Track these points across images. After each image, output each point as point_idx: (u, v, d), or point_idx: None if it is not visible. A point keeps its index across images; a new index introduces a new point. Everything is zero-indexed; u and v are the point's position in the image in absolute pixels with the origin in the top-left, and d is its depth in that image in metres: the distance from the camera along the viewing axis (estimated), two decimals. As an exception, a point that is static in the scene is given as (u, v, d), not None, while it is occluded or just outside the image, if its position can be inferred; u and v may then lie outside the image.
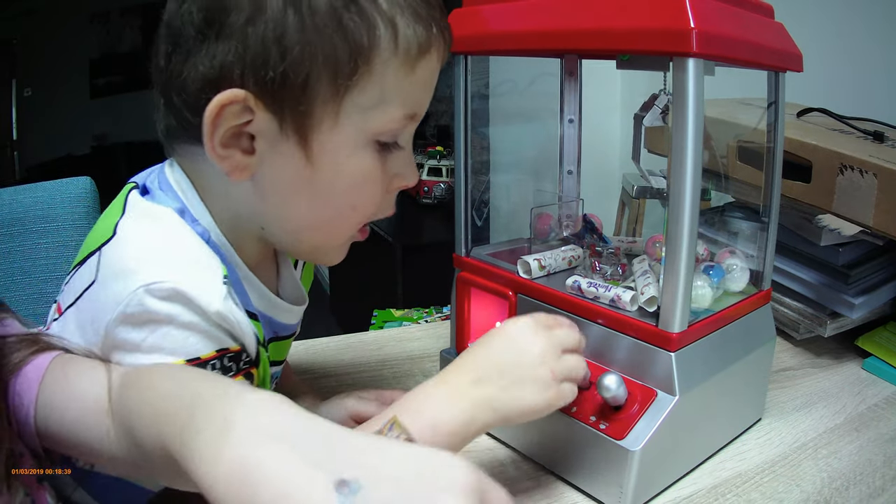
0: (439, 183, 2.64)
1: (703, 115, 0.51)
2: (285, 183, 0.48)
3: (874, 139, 0.89)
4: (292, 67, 0.43)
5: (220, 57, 0.43)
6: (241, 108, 0.44)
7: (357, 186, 0.49)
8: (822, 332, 0.84)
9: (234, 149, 0.46)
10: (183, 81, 0.45)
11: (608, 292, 0.61)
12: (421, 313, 2.22)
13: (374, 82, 0.45)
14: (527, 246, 0.78)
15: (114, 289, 0.44)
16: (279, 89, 0.44)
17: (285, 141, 0.46)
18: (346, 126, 0.46)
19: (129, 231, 0.47)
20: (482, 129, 2.22)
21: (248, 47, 0.43)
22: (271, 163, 0.47)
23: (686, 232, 0.53)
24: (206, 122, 0.44)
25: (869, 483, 0.61)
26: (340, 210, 0.50)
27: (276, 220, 0.50)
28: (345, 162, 0.47)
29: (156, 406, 0.37)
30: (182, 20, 0.44)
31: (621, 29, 0.54)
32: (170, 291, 0.43)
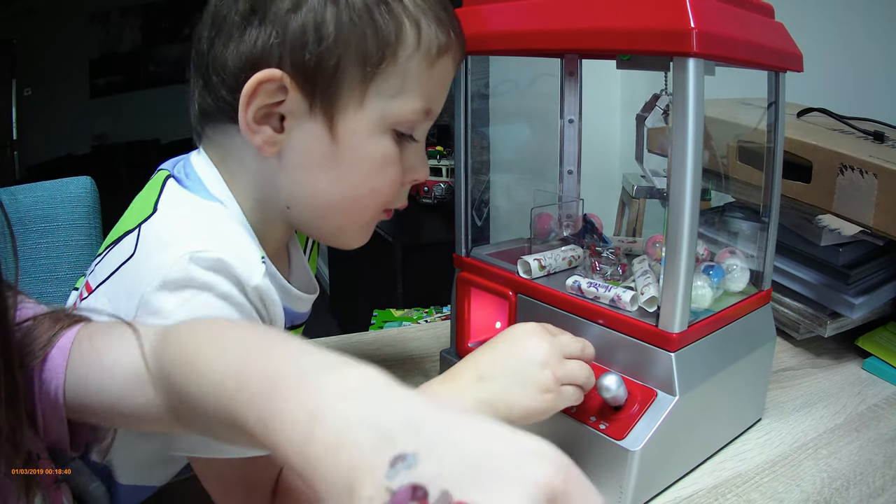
0: (439, 183, 2.64)
1: (703, 114, 0.51)
2: (311, 160, 0.52)
3: (874, 139, 0.89)
4: (327, 52, 0.48)
5: (262, 40, 0.48)
6: (276, 88, 0.48)
7: (376, 169, 0.53)
8: (823, 333, 0.84)
9: (265, 125, 0.50)
10: (224, 62, 0.49)
11: (608, 292, 0.61)
12: (421, 313, 2.22)
13: (397, 73, 0.50)
14: (527, 246, 0.78)
15: (156, 258, 0.47)
16: (313, 71, 0.48)
17: (313, 121, 0.50)
18: (369, 111, 0.51)
19: (171, 209, 0.51)
20: (482, 129, 2.22)
21: (289, 32, 0.48)
22: (299, 140, 0.51)
23: (686, 232, 0.53)
24: (244, 97, 0.48)
25: (869, 483, 0.61)
26: (360, 191, 0.53)
27: (302, 198, 0.54)
28: (366, 144, 0.52)
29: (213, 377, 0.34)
30: (227, 8, 0.49)
31: (622, 29, 0.54)
32: (214, 261, 0.47)
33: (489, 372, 0.52)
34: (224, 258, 0.47)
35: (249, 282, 0.48)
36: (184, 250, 0.46)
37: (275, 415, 0.30)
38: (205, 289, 0.46)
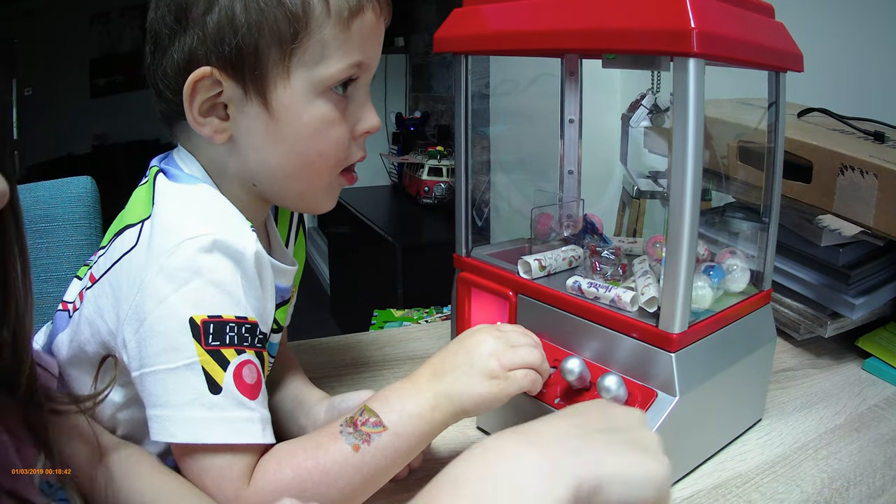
0: (440, 183, 2.64)
1: (703, 114, 0.51)
2: (258, 139, 0.56)
3: (875, 139, 0.89)
4: (244, 41, 0.52)
5: (188, 45, 0.53)
6: (210, 82, 0.53)
7: (318, 133, 0.56)
8: (823, 333, 0.84)
9: (211, 117, 0.55)
10: (165, 70, 0.55)
11: (608, 293, 0.61)
12: (421, 313, 2.22)
13: (314, 43, 0.54)
14: (527, 246, 0.78)
15: (158, 247, 0.50)
16: (236, 60, 0.53)
17: (250, 103, 0.54)
18: (297, 82, 0.54)
19: (164, 201, 0.55)
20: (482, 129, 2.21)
21: (208, 32, 0.52)
22: (243, 124, 0.55)
23: (686, 232, 0.53)
24: (185, 96, 0.53)
25: (869, 483, 0.61)
26: (309, 157, 0.57)
27: (261, 174, 0.58)
28: (302, 112, 0.55)
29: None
30: (159, 23, 0.54)
31: (622, 29, 0.53)
32: (210, 243, 0.50)
33: (442, 369, 0.56)
34: (219, 238, 0.51)
35: (246, 251, 0.52)
36: (183, 236, 0.50)
37: None
38: (199, 274, 0.50)
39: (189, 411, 0.49)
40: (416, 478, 0.61)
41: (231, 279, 0.51)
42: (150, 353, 0.49)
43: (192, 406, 0.49)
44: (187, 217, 0.53)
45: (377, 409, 0.52)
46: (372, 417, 0.52)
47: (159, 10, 0.54)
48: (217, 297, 0.50)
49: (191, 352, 0.49)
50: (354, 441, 0.51)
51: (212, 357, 0.49)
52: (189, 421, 0.49)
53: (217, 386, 0.49)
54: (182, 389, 0.49)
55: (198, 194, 0.56)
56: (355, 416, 0.52)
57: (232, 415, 0.49)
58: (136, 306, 0.50)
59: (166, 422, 0.49)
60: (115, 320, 0.52)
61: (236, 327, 0.51)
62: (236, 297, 0.51)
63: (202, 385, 0.49)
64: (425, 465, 0.62)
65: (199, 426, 0.49)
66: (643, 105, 0.67)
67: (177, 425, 0.49)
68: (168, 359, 0.49)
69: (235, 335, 0.51)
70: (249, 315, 0.52)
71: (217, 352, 0.50)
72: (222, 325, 0.50)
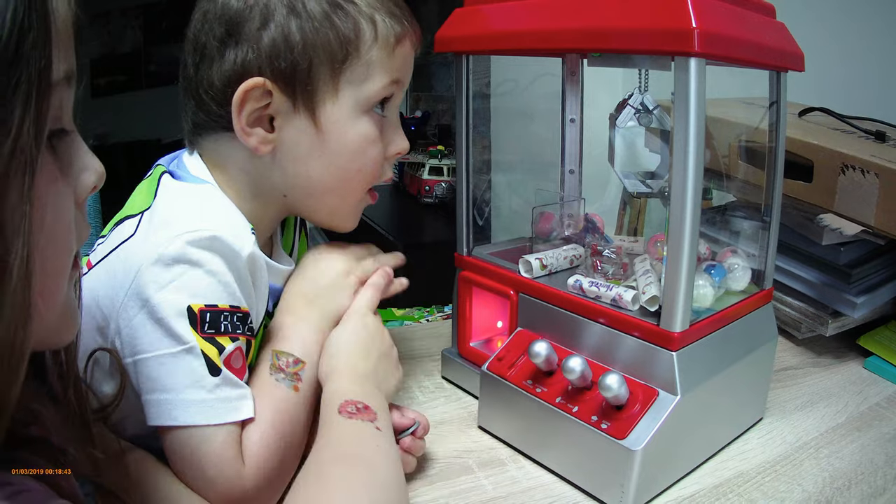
0: (440, 182, 2.64)
1: (704, 114, 0.51)
2: (302, 152, 0.59)
3: (876, 139, 0.89)
4: (299, 57, 0.56)
5: (241, 57, 0.56)
6: (261, 92, 0.56)
7: (360, 150, 0.61)
8: (824, 332, 0.84)
9: (257, 128, 0.57)
10: (211, 81, 0.57)
11: (610, 292, 0.61)
12: (422, 312, 2.22)
13: (362, 64, 0.58)
14: (528, 245, 0.78)
15: (154, 237, 0.52)
16: (290, 74, 0.56)
17: (298, 117, 0.58)
18: (344, 99, 0.58)
19: (168, 197, 0.57)
20: (484, 129, 2.21)
21: (262, 46, 0.55)
22: (289, 136, 0.58)
23: (688, 231, 0.53)
24: (235, 105, 0.55)
25: (870, 482, 0.61)
26: (348, 172, 0.61)
27: (297, 186, 0.61)
28: (348, 128, 0.59)
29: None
30: (205, 35, 0.57)
31: (623, 28, 0.54)
32: (208, 239, 0.52)
33: (313, 295, 0.63)
34: (218, 235, 0.52)
35: (242, 252, 0.54)
36: (180, 230, 0.51)
37: None
38: (196, 265, 0.51)
39: (191, 394, 0.50)
40: (415, 478, 0.61)
41: (225, 272, 0.53)
42: (147, 340, 0.50)
43: (193, 388, 0.50)
44: (188, 211, 0.55)
45: (287, 348, 0.58)
46: (290, 358, 0.57)
47: (207, 22, 0.57)
48: (213, 287, 0.52)
49: (189, 337, 0.50)
50: (292, 383, 0.57)
51: (208, 343, 0.51)
52: (191, 403, 0.50)
53: (217, 368, 0.51)
54: (182, 373, 0.50)
55: (202, 192, 0.58)
56: (274, 361, 0.57)
57: (231, 394, 0.51)
58: (132, 293, 0.51)
59: (167, 405, 0.50)
60: (109, 307, 0.52)
61: (230, 316, 0.53)
62: (231, 287, 0.53)
63: (202, 368, 0.50)
64: (422, 464, 0.62)
65: (202, 408, 0.50)
66: (630, 105, 0.67)
67: (179, 408, 0.50)
68: (167, 344, 0.50)
69: (229, 323, 0.53)
70: (242, 305, 0.54)
71: (212, 339, 0.51)
72: (217, 314, 0.52)
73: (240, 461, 0.51)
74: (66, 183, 0.35)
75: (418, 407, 0.73)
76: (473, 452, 0.65)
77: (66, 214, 0.34)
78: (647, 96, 0.67)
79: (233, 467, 0.50)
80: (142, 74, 4.34)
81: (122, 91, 4.31)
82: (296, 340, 0.59)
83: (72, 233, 0.35)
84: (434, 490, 0.59)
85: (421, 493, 0.58)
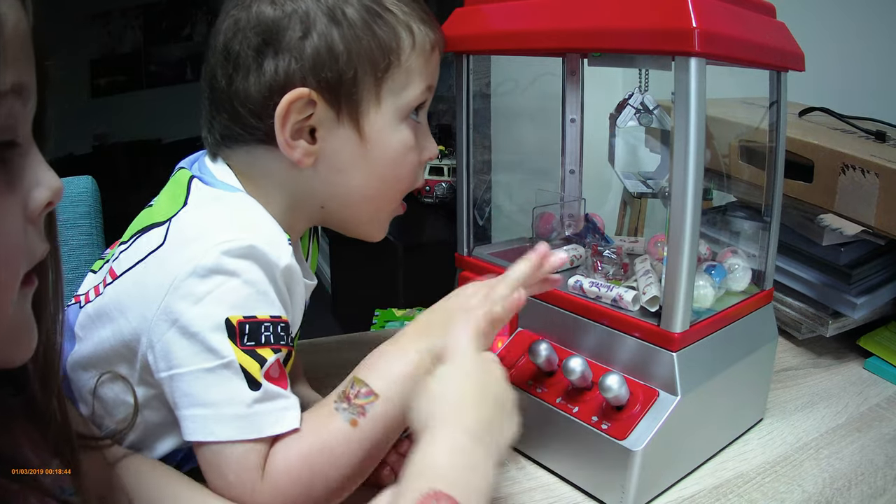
0: (441, 182, 2.64)
1: (704, 114, 0.51)
2: (345, 161, 0.58)
3: (876, 139, 0.89)
4: (344, 66, 0.54)
5: (283, 67, 0.54)
6: (304, 104, 0.54)
7: (401, 157, 0.60)
8: (824, 332, 0.84)
9: (300, 140, 0.56)
10: (248, 93, 0.54)
11: (610, 292, 0.61)
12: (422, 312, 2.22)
13: (402, 71, 0.57)
14: (529, 245, 0.78)
15: (189, 248, 0.50)
16: (336, 84, 0.55)
17: (342, 126, 0.56)
18: (386, 107, 0.57)
19: (202, 203, 0.55)
20: (484, 129, 2.21)
21: (305, 56, 0.53)
22: (332, 147, 0.57)
23: (688, 231, 0.53)
24: (278, 117, 0.54)
25: (870, 483, 0.61)
26: (388, 180, 0.60)
27: (337, 196, 0.60)
28: (391, 137, 0.58)
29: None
30: (239, 44, 0.54)
31: (623, 28, 0.53)
32: (244, 248, 0.50)
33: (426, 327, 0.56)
34: (256, 244, 0.51)
35: (279, 263, 0.53)
36: (216, 241, 0.50)
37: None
38: (233, 275, 0.50)
39: (229, 409, 0.49)
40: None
41: (264, 281, 0.52)
42: (183, 355, 0.49)
43: (231, 404, 0.49)
44: (225, 221, 0.54)
45: (365, 377, 0.52)
46: (363, 388, 0.52)
47: (240, 31, 0.54)
48: (252, 298, 0.51)
49: (228, 351, 0.49)
50: (351, 416, 0.51)
51: (248, 356, 0.50)
52: (230, 419, 0.49)
53: (256, 383, 0.49)
54: (221, 388, 0.49)
55: (237, 201, 0.56)
56: (346, 389, 0.52)
57: (270, 407, 0.50)
58: (165, 307, 0.49)
59: (205, 420, 0.49)
60: (140, 319, 0.51)
61: (271, 326, 0.51)
62: (270, 297, 0.52)
63: (241, 383, 0.49)
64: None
65: (241, 423, 0.49)
66: (630, 104, 0.67)
67: (217, 423, 0.49)
68: (205, 359, 0.49)
69: (271, 334, 0.51)
70: (283, 315, 0.53)
71: (252, 351, 0.50)
72: (258, 325, 0.50)
73: (259, 472, 0.49)
74: (11, 196, 0.33)
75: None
76: (473, 453, 0.65)
77: (9, 230, 0.33)
78: (648, 96, 0.67)
79: (250, 478, 0.49)
80: (142, 74, 4.34)
81: (122, 91, 4.31)
82: (381, 372, 0.53)
83: (19, 250, 0.34)
84: (434, 490, 0.59)
85: (421, 494, 0.58)
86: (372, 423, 0.51)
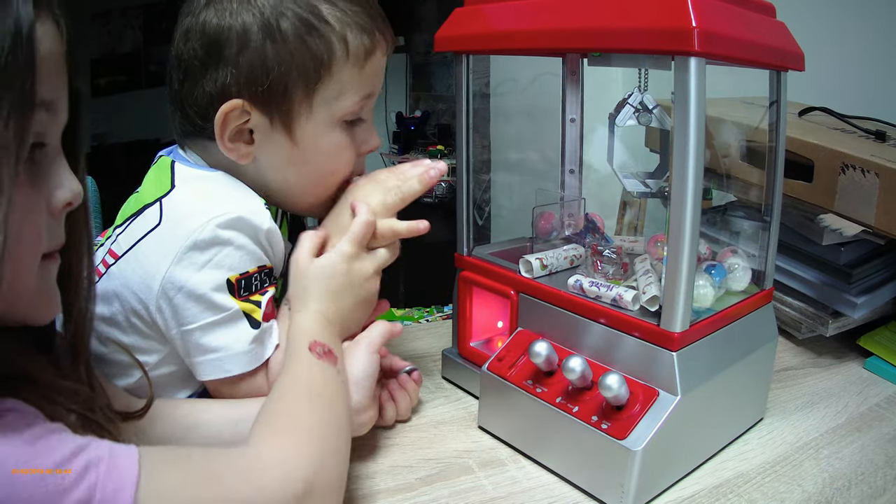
0: (440, 182, 2.64)
1: (704, 114, 0.51)
2: (279, 162, 0.64)
3: (876, 138, 0.89)
4: (275, 81, 0.59)
5: (221, 80, 0.60)
6: (240, 112, 0.60)
7: (333, 156, 0.66)
8: (824, 332, 0.84)
9: (239, 142, 0.62)
10: (195, 98, 0.61)
11: (610, 292, 0.61)
12: (422, 312, 2.22)
13: (334, 81, 0.62)
14: (528, 245, 0.78)
15: (186, 224, 0.58)
16: (266, 97, 0.60)
17: (275, 132, 0.62)
18: (318, 115, 0.63)
19: (188, 183, 0.63)
20: (484, 129, 2.21)
21: (240, 70, 0.59)
22: (268, 148, 0.63)
23: (688, 231, 0.53)
24: (217, 125, 0.60)
25: (870, 483, 0.61)
26: (323, 175, 0.67)
27: (276, 189, 0.66)
28: (321, 140, 0.64)
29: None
30: (188, 54, 0.61)
31: (623, 28, 0.53)
32: (233, 220, 0.58)
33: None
34: (242, 215, 0.59)
35: (262, 226, 0.61)
36: (209, 215, 0.58)
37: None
38: (227, 244, 0.58)
39: (239, 347, 0.59)
40: (415, 478, 0.61)
41: (250, 243, 0.60)
42: (192, 312, 0.58)
43: (240, 343, 0.59)
44: (213, 197, 0.61)
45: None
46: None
47: (189, 42, 0.60)
48: (245, 258, 0.60)
49: (231, 304, 0.59)
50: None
51: (247, 303, 0.60)
52: (241, 355, 0.60)
53: (256, 322, 0.61)
54: (230, 332, 0.59)
55: (217, 178, 0.64)
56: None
57: (266, 338, 0.62)
58: (170, 276, 0.57)
59: (220, 362, 0.59)
60: (145, 290, 0.59)
61: (259, 275, 0.61)
62: (256, 254, 0.61)
63: (245, 324, 0.60)
64: (423, 464, 0.62)
65: (250, 357, 0.60)
66: (629, 104, 0.67)
67: (230, 362, 0.59)
68: (213, 314, 0.58)
69: (259, 282, 0.61)
70: (267, 263, 0.62)
71: (248, 299, 0.60)
72: (249, 279, 0.60)
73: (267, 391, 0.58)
74: (36, 190, 0.39)
75: (419, 407, 0.73)
76: (474, 452, 0.65)
77: (33, 218, 0.39)
78: (647, 95, 0.67)
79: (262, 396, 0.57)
80: (142, 74, 4.34)
81: (122, 91, 4.31)
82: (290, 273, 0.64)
83: (39, 235, 0.40)
84: (434, 490, 0.59)
85: (421, 493, 0.58)
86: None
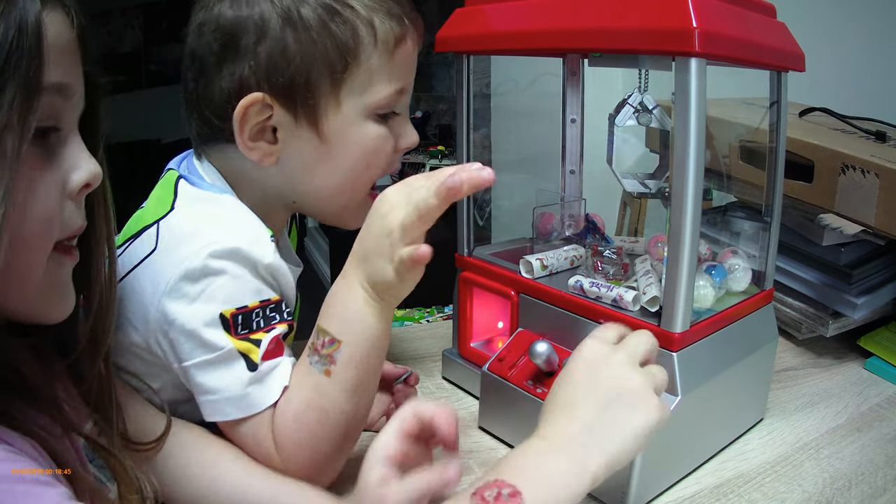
0: (440, 182, 2.64)
1: (705, 114, 0.51)
2: (307, 161, 0.58)
3: (876, 139, 0.89)
4: (296, 71, 0.54)
5: (239, 73, 0.55)
6: (261, 107, 0.55)
7: (369, 150, 0.59)
8: (824, 332, 0.84)
9: (260, 141, 0.57)
10: (211, 97, 0.56)
11: (610, 292, 0.61)
12: (423, 313, 2.22)
13: (362, 71, 0.56)
14: (529, 245, 0.78)
15: (178, 252, 0.53)
16: (288, 89, 0.55)
17: (301, 128, 0.57)
18: (346, 108, 0.57)
19: (188, 207, 0.57)
20: (484, 129, 2.22)
21: (259, 62, 0.54)
22: (293, 147, 0.58)
23: (688, 232, 0.53)
24: (236, 121, 0.55)
25: (871, 483, 0.61)
26: (356, 171, 0.60)
27: (305, 192, 0.61)
28: (353, 134, 0.58)
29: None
30: (202, 49, 0.56)
31: (624, 28, 0.54)
32: (228, 250, 0.53)
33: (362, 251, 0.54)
34: (240, 246, 0.53)
35: (262, 261, 0.55)
36: (202, 243, 0.52)
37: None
38: (220, 274, 0.52)
39: (235, 390, 0.53)
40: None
41: (247, 274, 0.54)
42: (187, 349, 0.53)
43: (235, 386, 0.53)
44: (210, 223, 0.55)
45: (326, 325, 0.53)
46: (326, 337, 0.53)
47: (203, 36, 0.56)
48: (241, 290, 0.53)
49: (224, 342, 0.52)
50: (323, 367, 0.53)
51: (245, 342, 0.53)
52: (237, 399, 0.53)
53: (254, 364, 0.53)
54: (224, 374, 0.53)
55: (221, 202, 0.58)
56: (314, 340, 0.54)
57: (265, 381, 0.53)
58: (161, 309, 0.52)
59: (217, 404, 0.53)
60: (142, 322, 0.54)
61: (261, 311, 0.54)
62: (256, 286, 0.54)
63: (241, 365, 0.53)
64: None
65: (248, 401, 0.53)
66: (629, 104, 0.67)
67: (228, 405, 0.53)
68: (205, 352, 0.52)
69: (262, 318, 0.54)
70: (272, 296, 0.55)
71: (247, 338, 0.53)
72: (249, 314, 0.53)
73: (271, 440, 0.53)
74: (49, 172, 0.38)
75: (419, 407, 0.73)
76: (474, 453, 0.65)
77: (44, 199, 0.38)
78: (647, 96, 0.67)
79: (267, 445, 0.53)
80: (142, 74, 4.34)
81: (122, 91, 4.31)
82: (337, 314, 0.53)
83: (53, 218, 0.38)
84: (434, 490, 0.59)
85: (421, 494, 0.58)
86: (343, 369, 0.52)
